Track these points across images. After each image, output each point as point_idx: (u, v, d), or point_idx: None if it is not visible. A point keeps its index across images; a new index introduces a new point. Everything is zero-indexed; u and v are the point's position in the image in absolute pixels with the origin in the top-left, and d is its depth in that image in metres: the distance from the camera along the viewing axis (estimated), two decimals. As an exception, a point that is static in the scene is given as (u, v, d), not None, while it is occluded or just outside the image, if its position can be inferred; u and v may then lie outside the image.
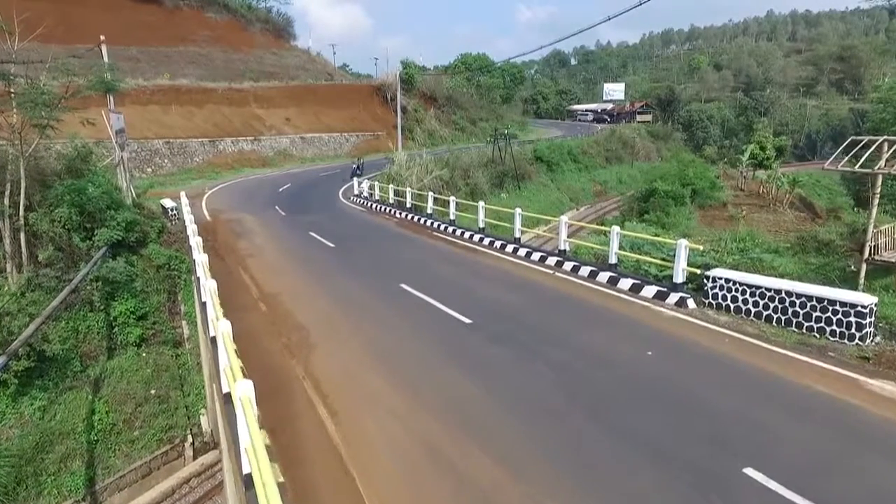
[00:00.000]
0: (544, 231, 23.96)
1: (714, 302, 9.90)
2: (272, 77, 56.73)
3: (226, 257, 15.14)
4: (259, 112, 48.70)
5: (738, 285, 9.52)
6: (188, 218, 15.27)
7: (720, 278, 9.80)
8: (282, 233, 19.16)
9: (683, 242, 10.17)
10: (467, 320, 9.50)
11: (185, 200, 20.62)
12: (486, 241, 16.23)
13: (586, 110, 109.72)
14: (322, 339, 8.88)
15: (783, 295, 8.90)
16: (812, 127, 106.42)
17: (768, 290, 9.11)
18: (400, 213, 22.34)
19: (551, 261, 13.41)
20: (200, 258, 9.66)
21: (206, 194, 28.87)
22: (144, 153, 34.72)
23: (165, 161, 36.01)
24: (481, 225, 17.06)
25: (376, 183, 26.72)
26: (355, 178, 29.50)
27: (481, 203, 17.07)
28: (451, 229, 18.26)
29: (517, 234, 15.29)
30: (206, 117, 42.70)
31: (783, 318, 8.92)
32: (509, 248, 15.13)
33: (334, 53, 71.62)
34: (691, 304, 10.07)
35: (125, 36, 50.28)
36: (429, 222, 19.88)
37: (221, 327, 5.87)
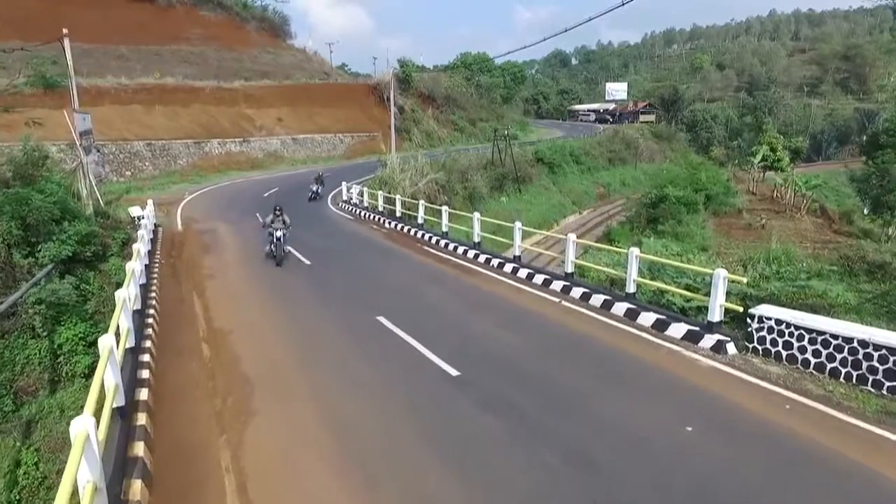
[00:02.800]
0: (535, 246, 22.12)
1: (761, 348, 7.98)
2: (267, 76, 54.84)
3: (184, 279, 13.22)
4: (249, 112, 46.79)
5: (793, 329, 7.60)
6: (141, 233, 13.36)
7: (769, 318, 7.87)
8: (256, 246, 17.22)
9: (722, 273, 8.24)
10: (454, 371, 7.60)
11: (150, 209, 18.76)
12: (482, 258, 14.32)
13: (588, 110, 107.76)
14: (266, 401, 6.95)
15: (856, 345, 6.97)
16: (817, 127, 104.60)
17: (835, 336, 7.18)
18: (389, 223, 20.44)
19: (556, 285, 11.49)
20: (123, 294, 7.75)
21: (184, 200, 26.95)
22: (123, 155, 32.82)
23: (146, 164, 34.10)
24: (476, 239, 15.15)
25: (365, 189, 24.77)
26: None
27: (476, 214, 15.15)
28: (443, 243, 16.34)
29: (517, 252, 13.39)
30: (192, 117, 40.81)
31: (855, 373, 7.00)
32: (508, 267, 13.22)
33: (331, 52, 69.36)
34: (731, 349, 8.15)
35: (116, 34, 48.58)
36: (419, 234, 17.98)
37: (76, 429, 3.96)
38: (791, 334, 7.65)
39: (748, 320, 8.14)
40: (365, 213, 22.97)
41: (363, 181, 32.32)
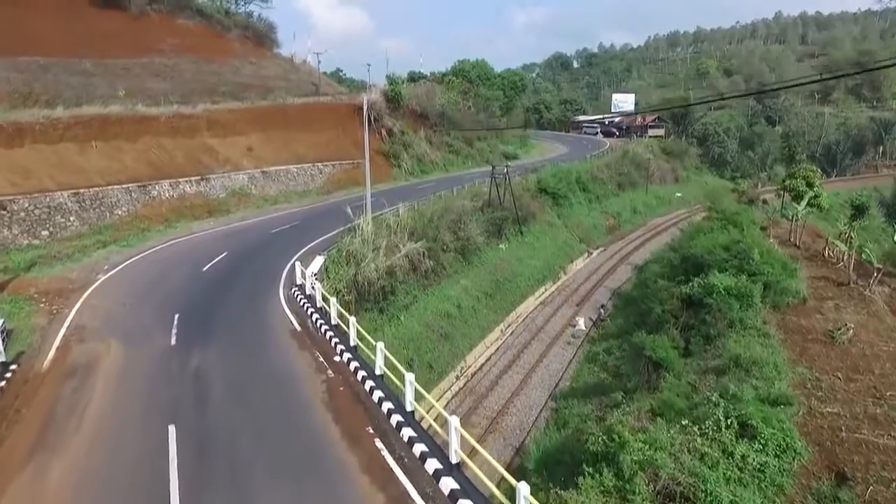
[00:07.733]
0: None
1: None
2: (246, 90, 49.01)
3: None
4: (212, 142, 40.84)
5: None
6: None
7: None
8: (125, 426, 11.37)
9: None
10: None
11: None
12: None
13: (593, 122, 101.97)
14: None
15: None
16: (830, 137, 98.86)
17: None
18: (342, 354, 14.54)
19: None
20: None
21: (93, 284, 20.98)
22: (39, 211, 26.88)
23: (71, 218, 28.17)
24: (454, 459, 9.31)
25: (318, 283, 18.78)
26: (300, 270, 21.42)
27: (454, 421, 9.27)
28: (406, 435, 10.49)
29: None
30: (138, 154, 34.83)
31: None
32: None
33: (319, 62, 63.46)
34: None
35: (81, 46, 42.76)
36: (377, 397, 12.10)
37: None
38: None
39: None
40: (316, 320, 17.08)
41: (332, 240, 26.64)
